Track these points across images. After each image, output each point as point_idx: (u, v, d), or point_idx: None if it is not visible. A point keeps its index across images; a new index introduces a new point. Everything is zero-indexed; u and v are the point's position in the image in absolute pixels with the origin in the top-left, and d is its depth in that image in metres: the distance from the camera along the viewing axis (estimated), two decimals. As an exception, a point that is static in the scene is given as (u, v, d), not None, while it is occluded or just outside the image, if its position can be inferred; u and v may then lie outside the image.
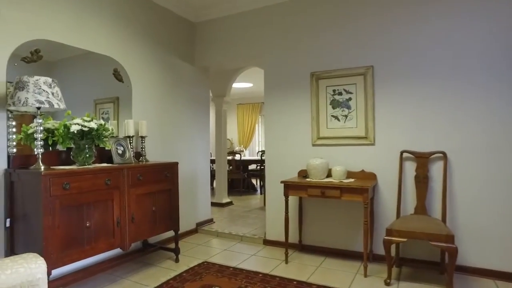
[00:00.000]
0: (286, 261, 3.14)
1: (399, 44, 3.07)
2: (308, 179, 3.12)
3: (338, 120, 3.35)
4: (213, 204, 5.18)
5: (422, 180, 2.91)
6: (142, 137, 3.27)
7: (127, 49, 3.34)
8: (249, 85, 8.41)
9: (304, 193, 3.01)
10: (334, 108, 3.37)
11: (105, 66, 3.13)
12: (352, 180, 3.05)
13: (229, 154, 7.08)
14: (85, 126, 2.46)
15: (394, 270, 2.90)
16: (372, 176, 3.16)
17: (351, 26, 3.29)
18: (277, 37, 3.70)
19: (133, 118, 3.33)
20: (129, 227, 2.69)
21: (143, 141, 3.27)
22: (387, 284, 2.59)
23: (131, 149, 3.10)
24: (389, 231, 2.56)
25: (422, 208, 2.89)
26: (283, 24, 3.66)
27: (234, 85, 7.94)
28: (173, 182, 3.17)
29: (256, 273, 2.88)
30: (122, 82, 3.28)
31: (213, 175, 6.50)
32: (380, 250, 3.04)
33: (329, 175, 3.24)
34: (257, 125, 10.62)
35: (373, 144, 3.19)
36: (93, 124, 2.51)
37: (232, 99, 9.67)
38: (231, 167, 7.11)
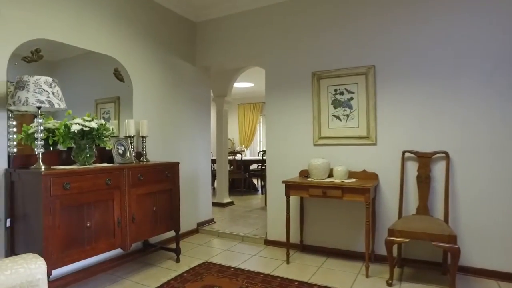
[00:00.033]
0: (288, 262, 3.13)
1: (400, 44, 3.06)
2: (309, 179, 3.11)
3: (340, 119, 3.33)
4: (214, 204, 5.17)
5: (424, 180, 2.89)
6: (143, 137, 3.26)
7: (127, 48, 3.33)
8: (250, 85, 8.40)
9: (305, 193, 3.00)
10: (335, 107, 3.35)
11: (106, 65, 3.13)
12: (353, 180, 3.03)
13: (230, 154, 7.06)
14: (85, 126, 2.45)
15: (396, 270, 2.89)
16: (373, 176, 3.14)
17: (352, 25, 3.27)
18: (278, 37, 3.69)
19: (134, 118, 3.32)
20: (130, 227, 2.68)
21: (144, 141, 3.26)
22: (389, 284, 2.58)
23: (132, 149, 3.09)
24: (391, 232, 2.55)
25: (424, 208, 2.87)
26: (284, 24, 3.65)
27: (235, 85, 7.93)
28: (174, 182, 3.16)
29: (257, 273, 2.86)
30: (123, 81, 3.27)
31: (214, 175, 6.50)
32: (382, 250, 3.03)
33: (330, 175, 3.22)
34: (258, 125, 10.61)
35: (374, 144, 3.17)
36: (94, 124, 2.50)
37: (233, 99, 9.67)
38: (232, 167, 7.10)
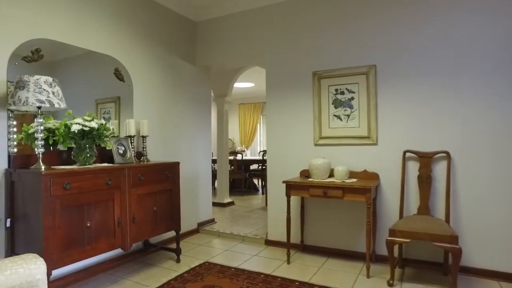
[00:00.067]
0: (288, 262, 3.12)
1: (401, 43, 3.05)
2: (310, 179, 3.10)
3: (341, 119, 3.32)
4: (214, 204, 5.16)
5: (425, 180, 2.88)
6: (143, 136, 3.25)
7: (128, 48, 3.33)
8: (251, 85, 8.39)
9: (306, 193, 2.99)
10: (336, 107, 3.35)
11: (106, 65, 3.12)
12: (354, 180, 3.02)
13: (231, 154, 7.06)
14: (85, 126, 2.45)
15: (397, 271, 2.88)
16: (374, 176, 3.13)
17: (353, 25, 3.26)
18: (278, 36, 3.68)
19: (134, 118, 3.32)
20: (130, 227, 2.67)
21: (144, 141, 3.26)
22: (390, 285, 2.57)
23: (132, 149, 3.09)
24: (392, 232, 2.54)
25: (425, 208, 2.86)
26: (285, 23, 3.64)
27: (236, 85, 7.93)
28: (174, 182, 3.15)
29: (258, 273, 2.86)
30: (123, 81, 3.27)
31: (214, 175, 6.49)
32: (382, 250, 3.02)
33: (331, 175, 3.21)
34: (258, 125, 10.60)
35: (375, 144, 3.16)
36: (94, 124, 2.50)
37: (233, 99, 9.66)
38: (232, 167, 7.10)
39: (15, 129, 2.37)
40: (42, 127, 2.26)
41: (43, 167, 2.21)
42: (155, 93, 3.66)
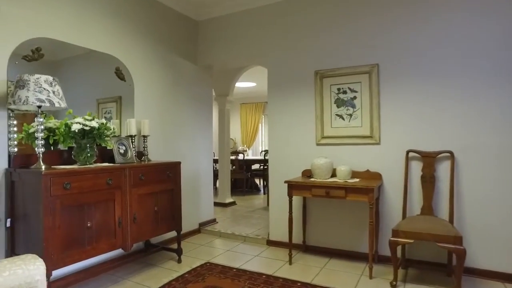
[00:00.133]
0: (290, 262, 3.10)
1: (404, 42, 3.02)
2: (312, 179, 3.07)
3: (343, 119, 3.30)
4: (216, 204, 5.14)
5: (429, 180, 2.85)
6: (144, 136, 3.24)
7: (128, 47, 3.31)
8: (252, 84, 8.37)
9: (308, 193, 2.97)
10: (338, 107, 3.32)
11: (107, 65, 3.11)
12: (357, 180, 3.00)
13: (232, 153, 7.04)
14: (86, 125, 2.43)
15: (400, 271, 2.85)
16: (377, 176, 3.10)
17: (355, 24, 3.24)
18: (280, 35, 3.65)
19: (135, 117, 3.30)
20: (131, 228, 2.65)
21: (145, 141, 3.24)
22: (393, 286, 2.54)
23: (133, 149, 3.07)
24: (395, 232, 2.51)
25: (428, 208, 2.83)
26: (287, 22, 3.61)
27: (237, 85, 7.90)
28: (175, 182, 3.14)
29: (259, 274, 2.84)
30: (124, 80, 3.25)
31: (216, 175, 6.47)
32: (385, 251, 2.99)
33: (333, 175, 3.19)
34: (260, 125, 10.58)
35: (378, 144, 3.13)
36: (94, 123, 2.48)
37: (235, 98, 9.63)
38: (234, 167, 7.08)
39: (15, 129, 2.36)
40: (42, 127, 2.25)
41: (43, 167, 2.19)
42: (156, 92, 3.65)
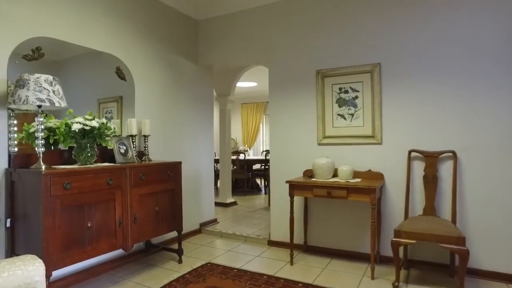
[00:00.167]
0: (291, 263, 3.09)
1: (406, 41, 2.99)
2: (313, 179, 3.06)
3: (344, 118, 3.28)
4: (217, 204, 5.12)
5: (431, 180, 2.83)
6: (145, 136, 3.22)
7: (129, 46, 3.30)
8: (253, 84, 8.36)
9: (309, 193, 2.95)
10: (340, 106, 3.30)
11: (108, 64, 3.10)
12: (358, 180, 2.98)
13: (233, 153, 7.03)
14: (86, 125, 2.42)
15: (402, 272, 2.83)
16: (379, 176, 3.08)
17: (357, 22, 3.22)
18: (281, 35, 3.64)
19: (136, 117, 3.29)
20: (132, 228, 2.64)
21: (146, 140, 3.23)
22: (395, 287, 2.52)
23: (134, 148, 3.06)
24: (398, 233, 2.49)
25: (431, 208, 2.81)
26: (288, 22, 3.59)
27: (238, 85, 7.89)
28: (176, 181, 3.12)
29: (260, 274, 2.82)
30: (125, 80, 3.24)
31: (217, 175, 6.46)
32: (387, 251, 2.97)
33: (335, 175, 3.17)
34: (261, 125, 10.56)
35: (380, 143, 3.11)
36: (95, 123, 2.47)
37: (236, 98, 9.60)
38: (235, 167, 7.06)
39: (15, 128, 2.35)
40: (42, 126, 2.24)
41: (43, 167, 2.18)
42: (157, 92, 3.63)
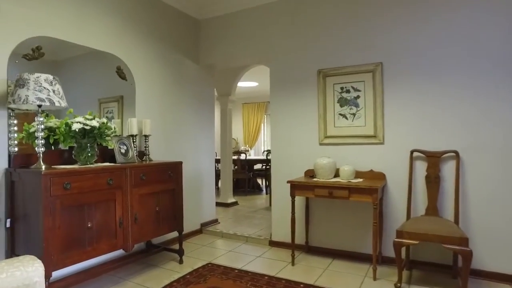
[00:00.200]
0: (293, 263, 3.07)
1: (409, 41, 2.97)
2: (315, 179, 3.04)
3: (346, 118, 3.26)
4: (218, 204, 5.11)
5: (434, 180, 2.81)
6: (145, 136, 3.21)
7: (129, 46, 3.29)
8: (255, 84, 8.34)
9: (311, 193, 2.93)
10: (341, 106, 3.28)
11: (109, 64, 3.09)
12: (360, 180, 2.96)
13: (234, 153, 7.02)
14: (86, 125, 2.41)
15: (405, 273, 2.81)
16: (381, 176, 3.06)
17: (358, 22, 3.20)
18: (283, 34, 3.62)
19: (136, 117, 3.28)
20: (132, 228, 2.63)
21: (147, 140, 3.22)
22: (398, 288, 2.50)
23: (135, 148, 3.05)
24: (400, 233, 2.47)
25: (433, 209, 2.79)
26: (290, 21, 3.58)
27: (239, 84, 7.88)
28: (177, 181, 3.11)
29: (261, 275, 2.80)
30: (126, 80, 3.23)
31: (218, 175, 6.44)
32: (389, 252, 2.95)
33: (336, 175, 3.15)
34: (262, 125, 10.55)
35: (382, 143, 3.09)
36: (95, 123, 2.46)
37: (237, 98, 9.62)
38: (236, 167, 7.05)
39: (15, 128, 2.33)
40: (42, 126, 2.23)
41: (43, 167, 2.17)
42: (158, 91, 3.62)
